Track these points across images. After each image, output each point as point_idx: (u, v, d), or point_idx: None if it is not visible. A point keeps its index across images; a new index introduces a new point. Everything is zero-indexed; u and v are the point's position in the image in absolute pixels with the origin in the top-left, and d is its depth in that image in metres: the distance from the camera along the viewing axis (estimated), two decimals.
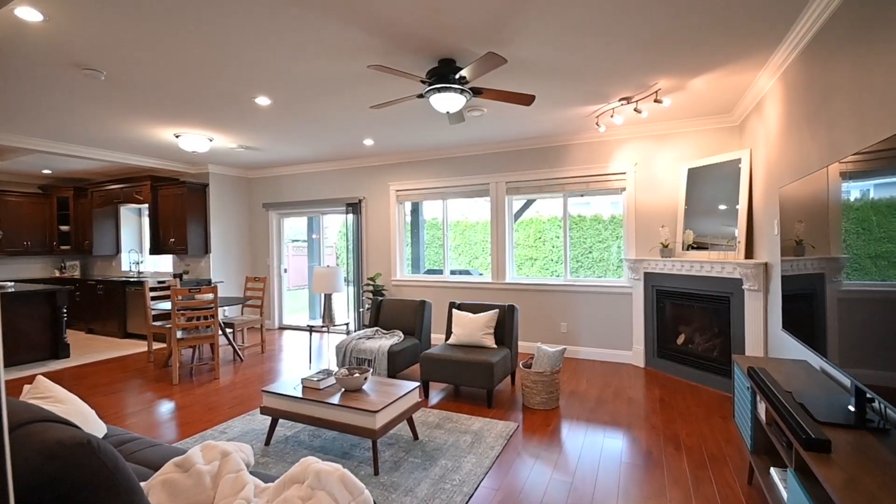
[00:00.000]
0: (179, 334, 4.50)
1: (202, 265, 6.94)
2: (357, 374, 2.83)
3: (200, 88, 3.54)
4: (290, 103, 3.91)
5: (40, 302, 5.36)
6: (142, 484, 1.41)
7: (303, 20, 2.46)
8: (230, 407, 3.71)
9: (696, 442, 2.96)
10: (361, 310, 5.98)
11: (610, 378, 4.38)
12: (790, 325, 2.37)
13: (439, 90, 2.83)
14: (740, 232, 3.93)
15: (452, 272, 6.06)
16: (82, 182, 8.12)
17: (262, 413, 2.91)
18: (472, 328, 3.92)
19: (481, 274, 6.21)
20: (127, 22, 2.47)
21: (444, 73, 2.80)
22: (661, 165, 4.73)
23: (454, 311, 4.16)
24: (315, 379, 2.89)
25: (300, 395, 2.77)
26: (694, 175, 4.50)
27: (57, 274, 8.01)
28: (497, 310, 4.04)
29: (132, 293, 6.68)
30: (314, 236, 8.55)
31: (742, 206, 3.94)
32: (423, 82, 2.85)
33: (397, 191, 6.17)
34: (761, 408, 2.16)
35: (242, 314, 5.86)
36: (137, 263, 7.75)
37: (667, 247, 4.51)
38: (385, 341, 4.10)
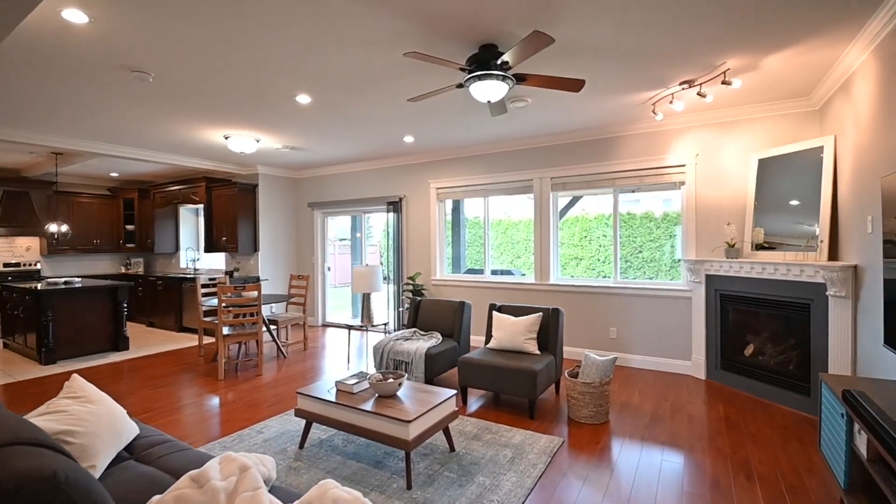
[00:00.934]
0: (225, 331, 4.60)
1: (251, 263, 7.15)
2: (391, 380, 2.70)
3: (243, 88, 3.56)
4: (330, 100, 3.86)
5: (103, 297, 5.69)
6: (154, 499, 1.34)
7: (338, 7, 2.35)
8: (269, 405, 3.72)
9: (770, 471, 2.59)
10: (401, 309, 5.91)
11: (666, 390, 4.01)
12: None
13: (480, 78, 2.64)
14: (822, 230, 3.44)
15: (493, 272, 5.85)
16: (145, 184, 8.63)
17: (296, 415, 2.85)
18: (514, 332, 3.70)
19: (524, 274, 5.95)
20: (168, 23, 2.48)
21: (485, 60, 2.61)
22: (726, 156, 4.28)
23: (495, 313, 3.96)
24: (349, 382, 2.79)
25: (333, 399, 2.69)
26: (765, 166, 4.02)
27: (123, 270, 8.56)
28: (540, 313, 3.79)
29: (187, 289, 6.99)
30: (357, 235, 8.61)
31: (825, 201, 3.46)
32: (462, 70, 2.67)
33: (437, 188, 6.03)
34: (861, 440, 1.81)
35: (287, 311, 5.96)
36: (194, 261, 8.12)
37: (733, 246, 4.07)
38: (423, 343, 3.97)
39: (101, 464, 1.71)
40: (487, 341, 4.02)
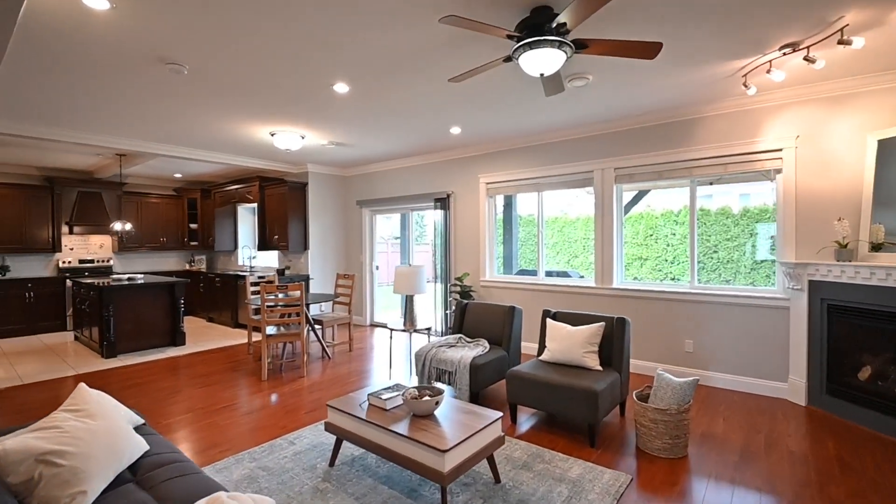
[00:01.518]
0: (269, 330, 4.52)
1: (301, 261, 7.15)
2: (428, 398, 2.37)
3: (279, 79, 3.39)
4: (368, 88, 3.61)
5: (161, 293, 5.87)
6: None
7: None
8: (307, 411, 3.54)
9: None
10: (448, 311, 5.59)
11: (758, 418, 3.37)
12: None
13: (531, 45, 2.23)
14: None
15: (548, 274, 5.37)
16: (206, 184, 8.98)
17: (326, 430, 2.61)
18: (571, 344, 3.25)
19: (581, 276, 5.42)
20: (194, 9, 2.31)
21: (537, 23, 2.20)
22: (836, 138, 3.54)
23: (549, 321, 3.52)
24: (383, 397, 2.51)
25: (364, 415, 2.41)
26: (888, 149, 3.26)
27: (187, 267, 8.96)
28: (602, 323, 3.31)
29: (242, 287, 7.12)
30: (406, 234, 8.41)
31: None
32: (510, 38, 2.28)
33: (487, 184, 5.64)
34: None
35: (333, 311, 5.85)
36: (251, 259, 8.32)
37: (845, 247, 3.34)
38: (468, 352, 3.62)
39: (94, 488, 1.52)
40: (540, 352, 3.59)
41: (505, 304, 4.07)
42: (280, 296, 4.46)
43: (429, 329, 4.25)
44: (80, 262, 7.67)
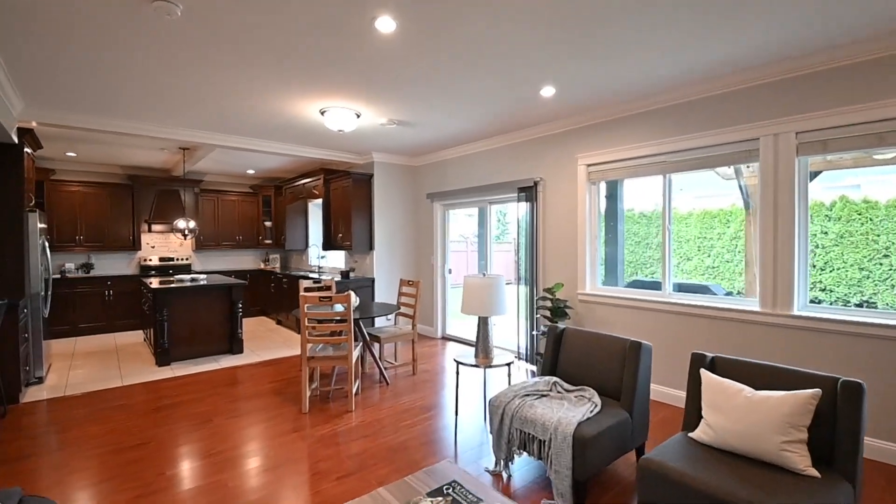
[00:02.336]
0: (312, 349, 3.69)
1: (367, 263, 6.38)
2: None
3: (302, 17, 2.46)
4: (422, 20, 2.55)
5: (219, 296, 5.41)
6: None
7: None
8: (342, 476, 2.60)
9: None
10: (535, 332, 4.37)
11: None
12: None
13: None
14: None
15: (679, 288, 3.91)
16: (278, 181, 8.69)
17: None
18: (756, 422, 1.90)
19: (730, 293, 3.88)
20: None
21: None
22: None
23: (706, 375, 2.18)
24: None
25: None
26: None
27: (262, 266, 8.74)
28: (815, 391, 1.90)
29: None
30: (483, 231, 7.30)
31: None
32: None
33: (589, 165, 4.31)
34: None
35: (397, 323, 4.94)
36: (319, 258, 7.80)
37: None
38: (569, 411, 2.41)
39: None
40: (689, 422, 2.26)
41: (622, 336, 2.77)
42: (325, 308, 3.61)
43: (510, 364, 3.08)
44: (161, 259, 7.69)
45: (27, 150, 4.45)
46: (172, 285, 5.10)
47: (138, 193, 7.25)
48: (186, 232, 6.02)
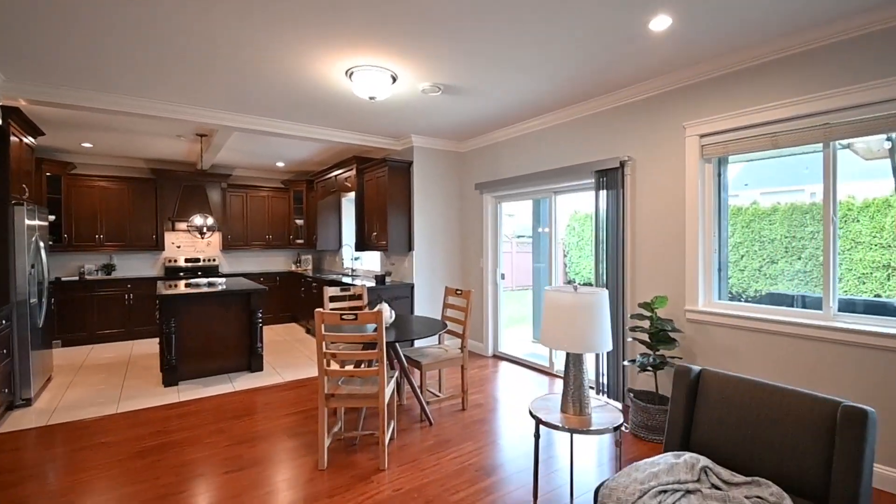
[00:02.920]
0: (330, 385, 2.79)
1: (405, 266, 5.48)
2: None
3: None
4: None
5: (236, 304, 4.66)
6: None
7: None
8: None
9: None
10: (626, 363, 3.27)
11: None
12: None
13: None
14: None
15: (849, 306, 2.72)
16: (310, 174, 7.98)
17: None
18: None
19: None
20: None
21: None
22: None
23: None
24: None
25: None
26: None
27: (293, 268, 8.06)
28: None
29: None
30: (540, 229, 6.24)
31: None
32: None
33: (703, 136, 3.18)
34: None
35: (440, 342, 3.98)
36: (353, 260, 7.00)
37: None
38: None
39: None
40: None
41: (828, 397, 1.67)
42: (352, 323, 2.70)
43: (619, 430, 2.03)
44: (187, 261, 7.13)
45: (22, 136, 3.84)
46: (181, 291, 4.39)
47: (162, 189, 6.70)
48: (205, 229, 5.33)
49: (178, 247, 7.16)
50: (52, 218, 5.87)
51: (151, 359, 5.24)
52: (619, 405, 3.60)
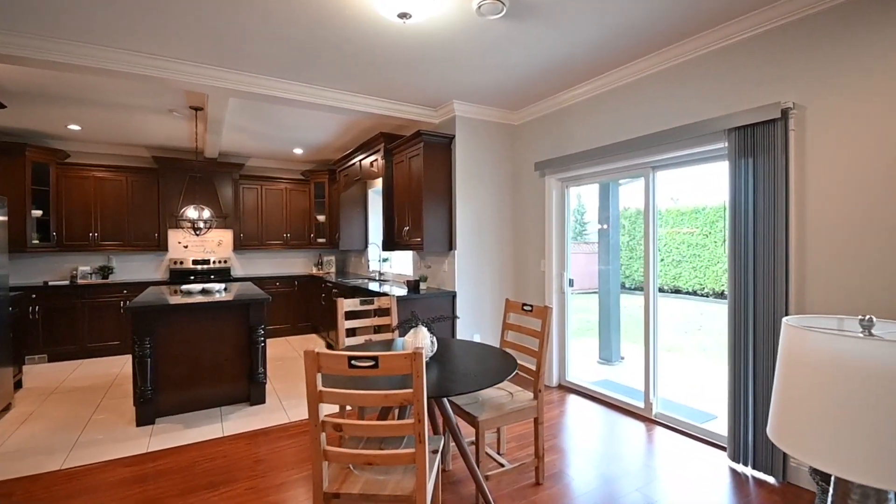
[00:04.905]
0: (332, 475, 1.68)
1: (444, 269, 4.35)
2: None
3: None
4: None
5: (231, 318, 3.65)
6: None
7: None
8: None
9: None
10: None
11: None
12: None
13: None
14: None
15: None
16: (331, 162, 7.00)
17: None
18: None
19: None
20: None
21: None
22: None
23: None
24: None
25: None
26: None
27: (313, 271, 7.09)
28: None
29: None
30: (602, 226, 5.04)
31: None
32: None
33: None
34: None
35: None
36: (380, 261, 5.94)
37: None
38: None
39: None
40: None
41: None
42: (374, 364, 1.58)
43: None
44: (195, 262, 6.28)
45: None
46: (157, 302, 3.40)
47: (165, 180, 5.86)
48: (201, 224, 4.38)
49: (186, 247, 6.32)
50: (38, 213, 5.09)
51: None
52: (757, 473, 2.33)
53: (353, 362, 1.41)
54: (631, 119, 3.28)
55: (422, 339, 2.06)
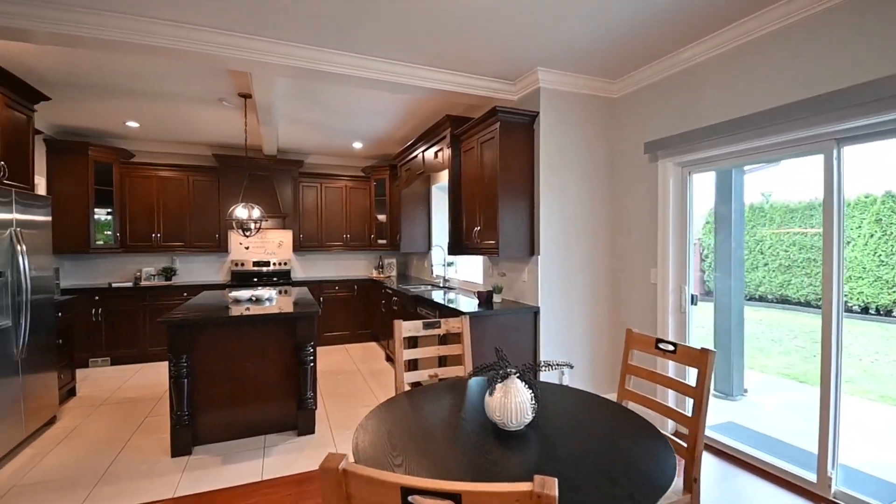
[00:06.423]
0: None
1: (523, 279, 3.57)
2: None
3: None
4: None
5: (277, 333, 3.15)
6: None
7: None
8: None
9: None
10: None
11: None
12: None
13: None
14: None
15: None
16: (393, 158, 6.47)
17: None
18: None
19: None
20: None
21: None
22: None
23: None
24: None
25: None
26: None
27: (373, 274, 6.61)
28: None
29: (422, 318, 4.04)
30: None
31: None
32: None
33: None
34: None
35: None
36: (444, 266, 5.29)
37: None
38: None
39: None
40: None
41: None
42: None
43: None
44: (255, 264, 6.03)
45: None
46: (195, 315, 2.97)
47: (224, 179, 5.62)
48: (252, 225, 3.98)
49: (247, 248, 6.08)
50: (103, 212, 5.02)
51: None
52: None
53: (410, 500, 0.71)
54: (801, 72, 2.31)
55: (518, 403, 1.33)
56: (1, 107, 2.87)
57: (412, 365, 2.67)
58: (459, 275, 5.12)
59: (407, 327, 2.20)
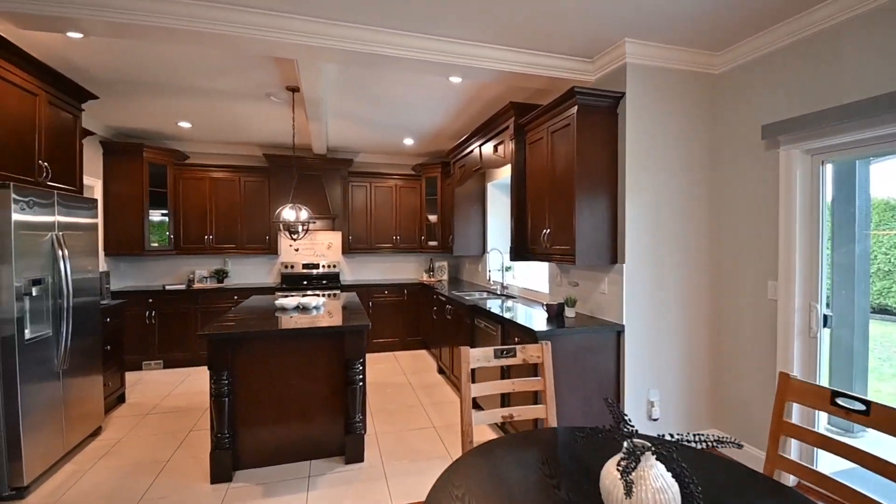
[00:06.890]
0: None
1: (602, 291, 3.04)
2: None
3: None
4: None
5: (322, 349, 2.84)
6: None
7: None
8: None
9: None
10: None
11: None
12: None
13: None
14: None
15: None
16: (445, 155, 6.08)
17: None
18: None
19: None
20: None
21: None
22: None
23: None
24: None
25: None
26: None
27: (423, 278, 6.26)
28: None
29: (481, 332, 3.61)
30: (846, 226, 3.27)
31: None
32: None
33: None
34: None
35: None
36: (502, 271, 4.83)
37: None
38: None
39: None
40: None
41: None
42: None
43: None
44: (305, 266, 5.86)
45: (33, 87, 2.53)
46: (235, 329, 2.70)
47: (274, 179, 5.48)
48: (299, 227, 3.72)
49: (297, 250, 5.92)
50: (160, 216, 5.00)
51: None
52: None
53: None
54: None
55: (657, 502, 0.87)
56: (44, 105, 2.74)
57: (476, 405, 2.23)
58: (518, 281, 4.65)
59: (476, 356, 1.78)
